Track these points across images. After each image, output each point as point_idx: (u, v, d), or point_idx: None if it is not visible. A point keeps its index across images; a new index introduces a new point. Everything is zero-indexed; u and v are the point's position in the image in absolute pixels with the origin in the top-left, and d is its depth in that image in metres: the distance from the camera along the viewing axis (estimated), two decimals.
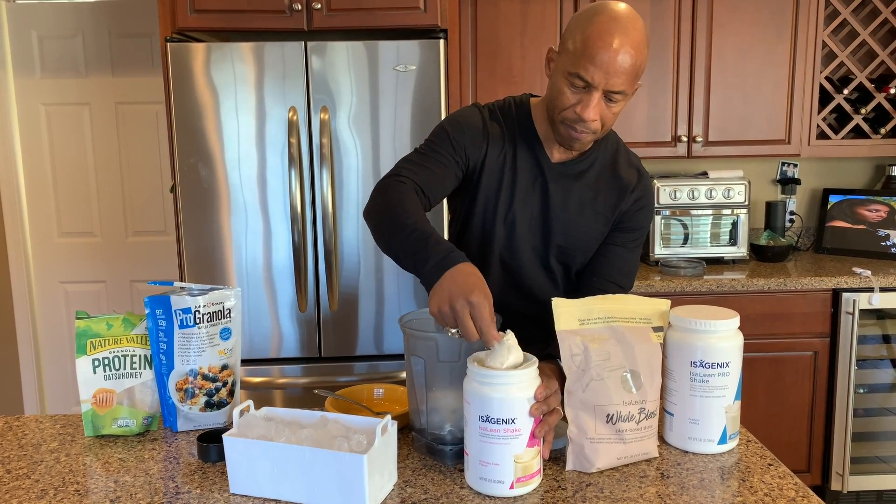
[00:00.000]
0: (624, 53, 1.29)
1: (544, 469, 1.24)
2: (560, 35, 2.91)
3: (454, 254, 1.19)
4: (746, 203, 2.98)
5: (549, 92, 1.40)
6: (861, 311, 2.73)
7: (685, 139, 2.98)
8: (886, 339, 2.81)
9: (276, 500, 1.15)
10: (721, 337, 1.27)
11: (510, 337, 1.15)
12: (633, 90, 1.37)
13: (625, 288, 1.54)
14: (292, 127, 2.47)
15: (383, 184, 1.36)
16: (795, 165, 3.34)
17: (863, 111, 3.04)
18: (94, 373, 1.40)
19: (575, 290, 1.58)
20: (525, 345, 1.30)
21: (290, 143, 2.47)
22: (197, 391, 1.41)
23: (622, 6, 1.33)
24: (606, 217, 1.52)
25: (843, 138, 3.08)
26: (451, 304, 1.13)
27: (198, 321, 1.39)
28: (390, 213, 1.28)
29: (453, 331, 1.16)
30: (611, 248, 1.55)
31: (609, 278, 1.53)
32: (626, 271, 1.55)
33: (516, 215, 1.49)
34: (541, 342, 1.48)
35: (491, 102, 1.54)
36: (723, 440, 1.29)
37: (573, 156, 1.50)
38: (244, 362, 2.59)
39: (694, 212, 2.98)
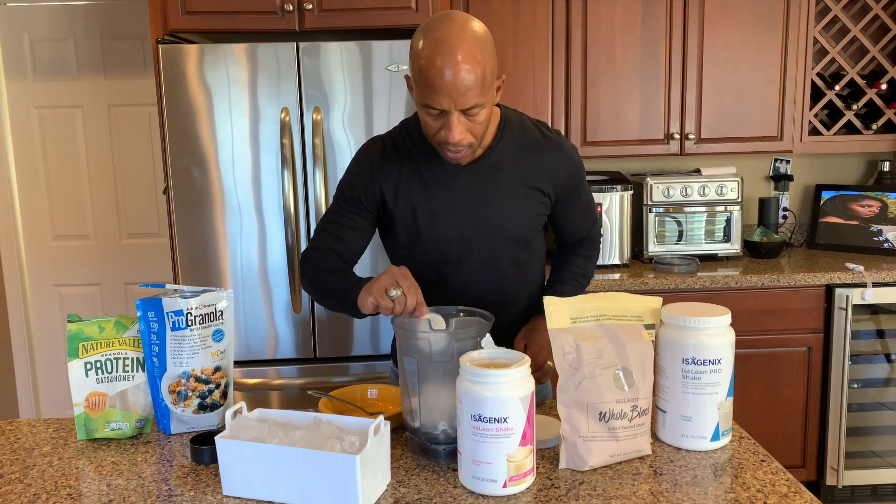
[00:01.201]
0: (462, 72, 1.27)
1: (537, 467, 1.24)
2: (552, 35, 2.91)
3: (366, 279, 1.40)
4: (739, 200, 2.99)
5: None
6: (854, 306, 2.74)
7: (678, 137, 2.99)
8: (880, 333, 2.82)
9: (269, 502, 1.15)
10: (712, 334, 1.27)
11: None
12: (494, 93, 1.37)
13: (593, 227, 1.70)
14: (285, 128, 2.47)
15: (304, 258, 1.55)
16: (788, 162, 3.35)
17: (854, 107, 3.05)
18: (87, 376, 1.39)
19: (558, 265, 1.69)
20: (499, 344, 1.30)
21: (282, 144, 2.47)
22: (190, 393, 1.41)
23: (446, 18, 1.31)
24: (536, 194, 1.53)
25: (835, 134, 3.09)
26: (375, 285, 1.30)
27: (190, 323, 1.39)
28: (316, 284, 1.49)
29: (395, 292, 1.28)
30: (570, 218, 1.63)
31: (579, 235, 1.68)
32: (591, 222, 1.69)
33: (445, 231, 1.50)
34: (507, 342, 1.52)
35: (388, 131, 1.57)
36: (715, 437, 1.29)
37: (480, 153, 1.50)
38: (240, 363, 2.59)
39: (687, 209, 2.99)
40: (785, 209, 3.35)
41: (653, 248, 3.00)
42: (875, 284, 2.74)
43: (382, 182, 1.50)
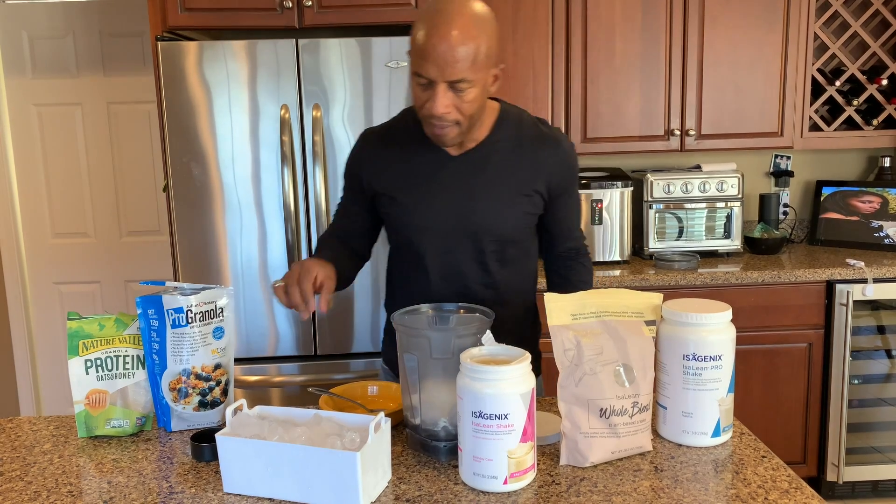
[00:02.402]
0: (453, 43, 1.29)
1: (538, 464, 1.24)
2: (552, 31, 2.90)
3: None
4: (740, 196, 2.98)
5: None
6: (855, 302, 2.74)
7: (678, 133, 2.98)
8: (880, 329, 2.82)
9: (269, 499, 1.15)
10: (713, 330, 1.27)
11: None
12: (487, 75, 1.37)
13: (582, 236, 1.66)
14: (284, 125, 2.47)
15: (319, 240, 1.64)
16: (788, 158, 3.34)
17: (855, 103, 3.04)
18: (87, 374, 1.39)
19: (550, 269, 1.67)
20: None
21: (282, 141, 2.47)
22: (190, 391, 1.41)
23: None
24: (528, 194, 1.51)
25: (835, 130, 3.08)
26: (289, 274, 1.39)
27: (190, 321, 1.39)
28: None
29: (277, 283, 1.37)
30: (561, 220, 1.59)
31: (571, 241, 1.63)
32: (577, 224, 1.64)
33: (431, 219, 1.50)
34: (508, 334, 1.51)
35: (387, 120, 1.61)
36: (716, 433, 1.29)
37: (472, 145, 1.49)
38: (241, 361, 2.59)
39: (688, 205, 2.99)
40: (785, 205, 3.34)
41: (653, 244, 3.00)
42: (876, 280, 2.73)
43: (372, 167, 1.54)
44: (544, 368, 1.69)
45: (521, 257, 1.58)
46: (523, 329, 1.62)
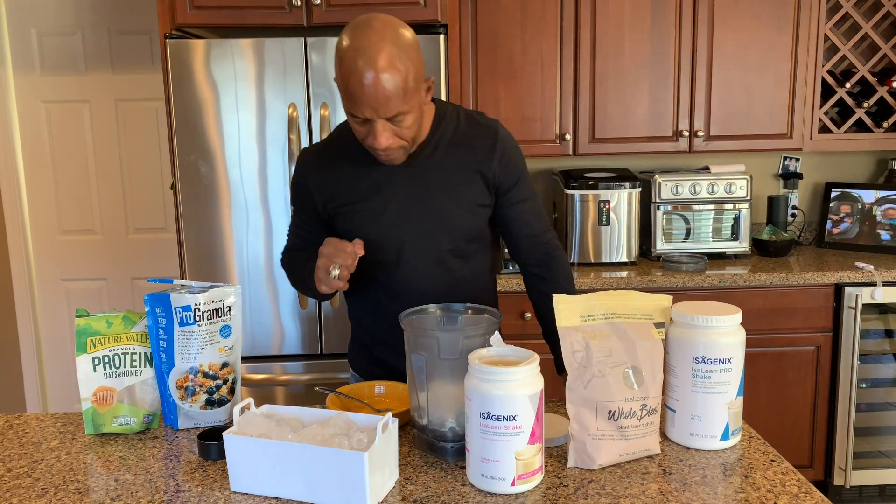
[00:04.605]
0: (380, 81, 1.27)
1: (545, 466, 1.24)
2: (561, 31, 2.89)
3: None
4: (748, 198, 2.97)
5: None
6: (863, 305, 2.72)
7: (687, 134, 2.97)
8: (889, 333, 2.80)
9: (276, 498, 1.15)
10: (723, 333, 1.26)
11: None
12: (420, 96, 1.36)
13: (549, 229, 1.62)
14: (292, 123, 2.47)
15: (281, 260, 1.70)
16: (797, 160, 3.33)
17: (865, 105, 3.03)
18: (95, 371, 1.39)
19: (526, 282, 1.64)
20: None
21: (289, 140, 2.47)
22: (197, 389, 1.41)
23: (366, 24, 1.29)
24: (477, 180, 1.51)
25: (845, 132, 3.06)
26: (320, 273, 1.41)
27: (198, 319, 1.39)
28: (293, 281, 1.65)
29: (335, 272, 1.38)
30: (514, 210, 1.56)
31: (535, 233, 1.59)
32: (539, 216, 1.60)
33: (390, 228, 1.51)
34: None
35: (325, 138, 1.61)
36: (725, 436, 1.28)
37: (415, 149, 1.49)
38: (246, 359, 2.59)
39: (696, 207, 2.97)
40: (794, 207, 3.33)
41: (661, 245, 2.99)
42: (885, 284, 2.72)
43: (322, 185, 1.53)
44: None
45: (479, 251, 1.59)
46: None
